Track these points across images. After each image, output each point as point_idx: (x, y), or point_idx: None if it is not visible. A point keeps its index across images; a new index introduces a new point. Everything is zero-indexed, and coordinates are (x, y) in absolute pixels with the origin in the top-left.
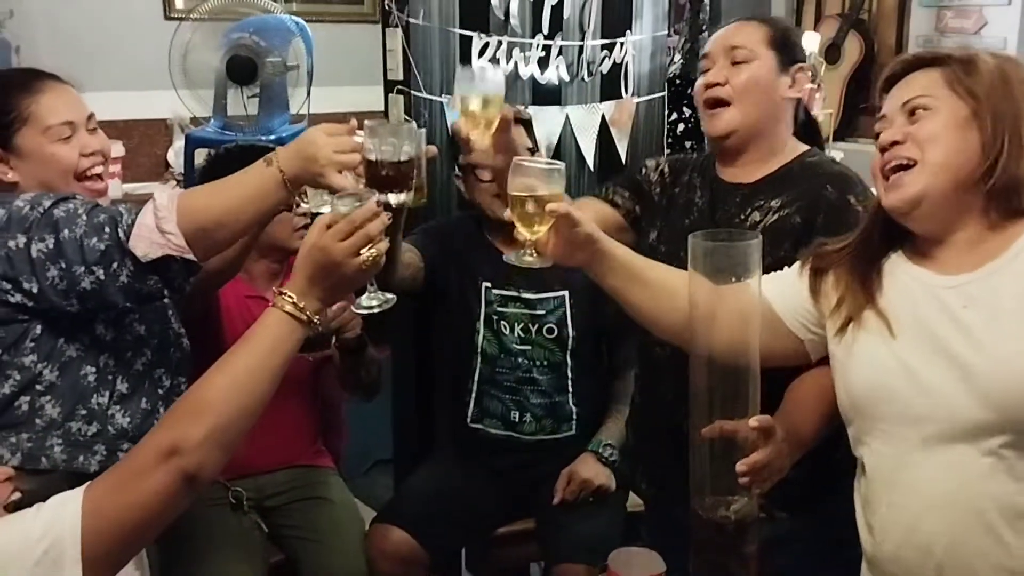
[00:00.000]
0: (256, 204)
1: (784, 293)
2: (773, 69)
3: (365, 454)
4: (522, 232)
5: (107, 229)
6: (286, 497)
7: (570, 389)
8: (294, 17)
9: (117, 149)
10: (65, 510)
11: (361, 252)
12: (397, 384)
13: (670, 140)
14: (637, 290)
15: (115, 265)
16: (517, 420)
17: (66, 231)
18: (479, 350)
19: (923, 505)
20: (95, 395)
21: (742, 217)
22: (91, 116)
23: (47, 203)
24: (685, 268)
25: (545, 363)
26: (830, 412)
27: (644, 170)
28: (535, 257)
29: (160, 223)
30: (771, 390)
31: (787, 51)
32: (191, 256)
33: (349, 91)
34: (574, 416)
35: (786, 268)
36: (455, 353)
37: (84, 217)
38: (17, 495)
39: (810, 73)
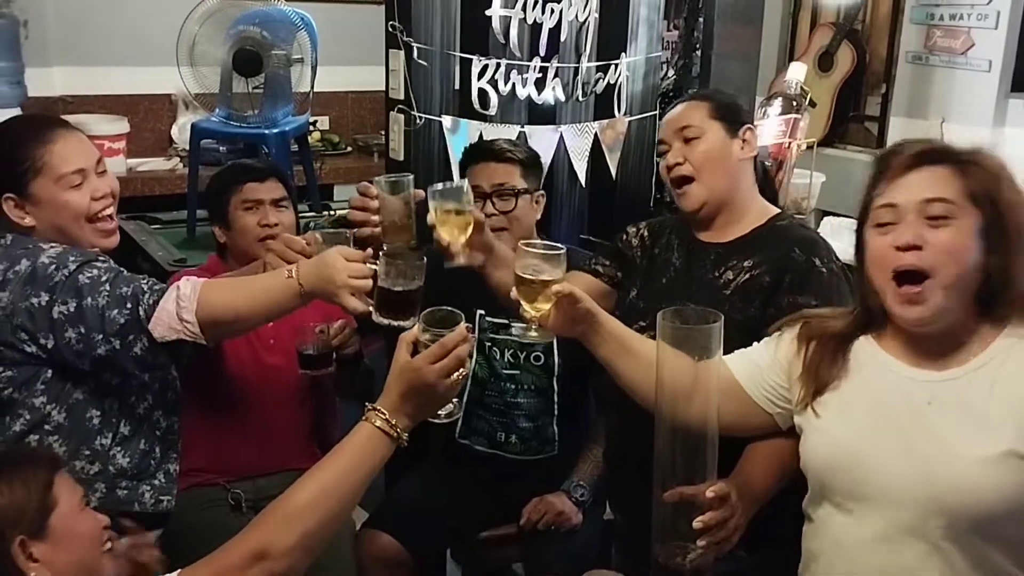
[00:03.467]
0: (270, 308)
1: (751, 371)
2: (723, 137)
3: None
4: (527, 310)
5: (129, 304)
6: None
7: (555, 412)
8: (299, 10)
9: (121, 125)
10: None
11: (452, 374)
12: None
13: None
14: (625, 360)
15: (131, 338)
16: (503, 440)
17: (89, 299)
18: (471, 373)
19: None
20: (99, 436)
21: (716, 275)
22: (100, 159)
23: (72, 266)
24: None
25: (532, 388)
26: (783, 473)
27: (625, 236)
28: (539, 332)
29: (180, 312)
30: (730, 448)
31: (732, 118)
32: (203, 341)
33: (352, 71)
34: (556, 438)
35: (753, 345)
36: None
37: (107, 287)
38: (110, 542)
39: (758, 131)
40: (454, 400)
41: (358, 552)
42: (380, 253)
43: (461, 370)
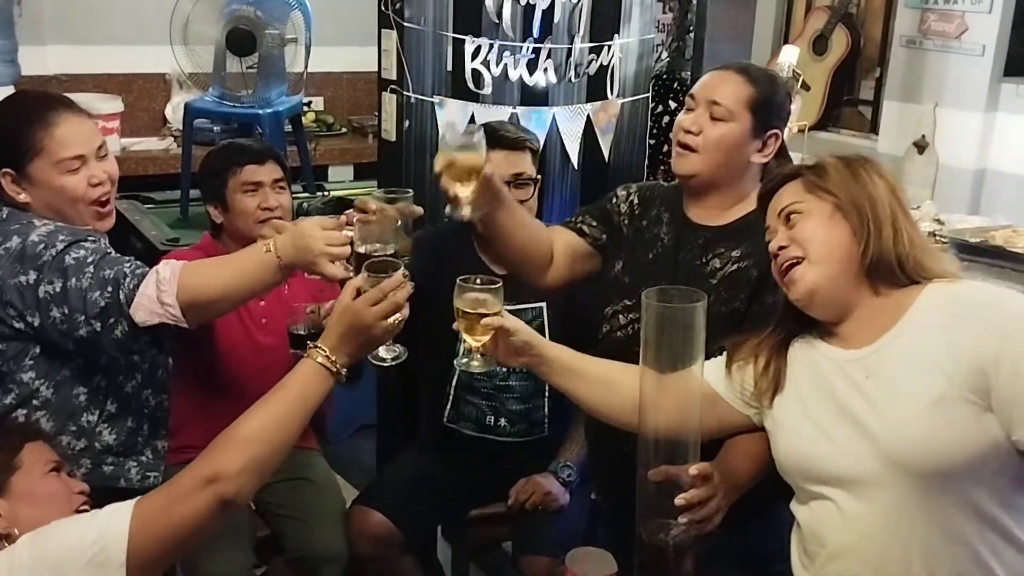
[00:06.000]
0: (252, 285)
1: (723, 377)
2: (746, 133)
3: (350, 419)
4: (468, 340)
5: (110, 288)
6: (273, 476)
7: (547, 393)
8: None
9: (115, 105)
10: (115, 520)
11: (389, 317)
12: None
13: (655, 131)
14: (580, 385)
15: (112, 321)
16: (492, 424)
17: (74, 279)
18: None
19: (847, 555)
20: (85, 413)
21: (703, 260)
22: (102, 144)
23: (60, 246)
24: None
25: (523, 370)
26: (765, 462)
27: (615, 199)
28: (480, 362)
29: (161, 295)
30: (709, 446)
31: (765, 116)
32: (184, 324)
33: (346, 51)
34: (546, 420)
35: (723, 354)
36: (435, 358)
37: (92, 269)
38: (87, 507)
39: (782, 139)
40: (398, 346)
41: (349, 529)
42: (355, 219)
43: (397, 315)
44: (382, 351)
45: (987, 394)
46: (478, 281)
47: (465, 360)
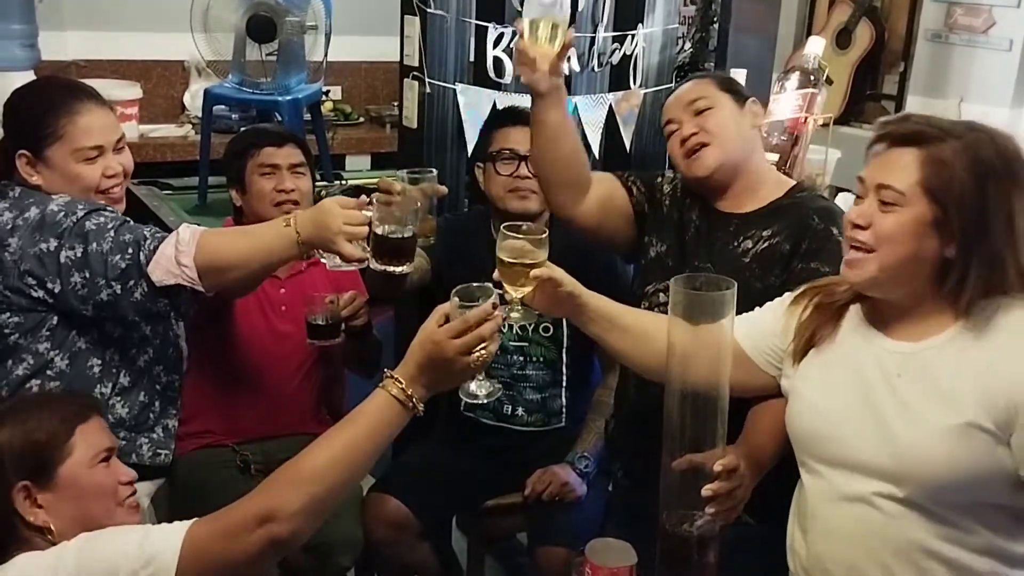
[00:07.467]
0: (268, 256)
1: (752, 335)
2: (732, 108)
3: None
4: (509, 291)
5: (130, 250)
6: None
7: (564, 384)
8: None
9: (134, 91)
10: (167, 547)
11: (472, 351)
12: (399, 347)
13: None
14: (616, 336)
15: (131, 283)
16: (509, 413)
17: (95, 244)
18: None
19: (832, 537)
20: (99, 385)
21: (735, 244)
22: (121, 137)
23: (80, 213)
24: None
25: (541, 359)
26: (786, 439)
27: (660, 179)
28: (520, 313)
29: (179, 256)
30: (735, 413)
31: (737, 91)
32: (200, 288)
33: (365, 40)
34: (564, 410)
35: (756, 309)
36: None
37: (112, 233)
38: (134, 497)
39: (775, 104)
40: (493, 381)
41: (365, 515)
42: (374, 199)
43: (482, 352)
44: (473, 386)
45: (1008, 430)
46: (523, 229)
47: (504, 311)
